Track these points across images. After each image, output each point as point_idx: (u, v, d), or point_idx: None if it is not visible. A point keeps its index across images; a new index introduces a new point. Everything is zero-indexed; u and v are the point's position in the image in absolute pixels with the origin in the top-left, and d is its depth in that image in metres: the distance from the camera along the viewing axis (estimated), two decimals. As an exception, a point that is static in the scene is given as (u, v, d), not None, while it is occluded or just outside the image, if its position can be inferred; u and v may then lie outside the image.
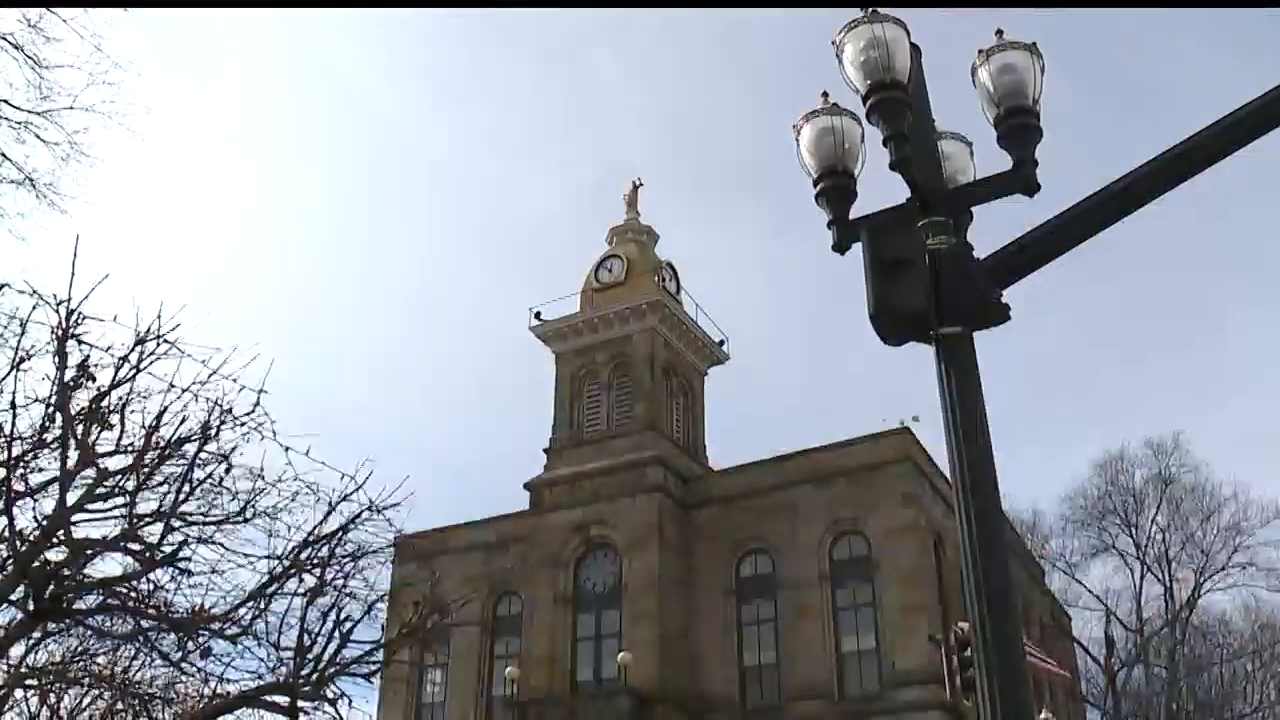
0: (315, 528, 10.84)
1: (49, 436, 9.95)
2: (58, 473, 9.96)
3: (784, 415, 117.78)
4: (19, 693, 20.86)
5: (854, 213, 6.30)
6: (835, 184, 6.35)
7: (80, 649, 17.45)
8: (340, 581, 11.16)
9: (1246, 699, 57.23)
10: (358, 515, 10.81)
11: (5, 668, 15.46)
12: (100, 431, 10.07)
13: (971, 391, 5.21)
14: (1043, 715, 32.44)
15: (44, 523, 10.04)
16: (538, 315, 48.55)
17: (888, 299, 5.50)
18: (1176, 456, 53.01)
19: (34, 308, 9.41)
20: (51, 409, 9.83)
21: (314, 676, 10.73)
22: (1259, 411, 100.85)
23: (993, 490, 4.83)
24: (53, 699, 22.78)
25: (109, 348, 9.80)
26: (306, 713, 11.04)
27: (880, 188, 6.47)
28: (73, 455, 9.93)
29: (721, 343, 50.73)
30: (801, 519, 41.12)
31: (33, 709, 23.22)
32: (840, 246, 6.18)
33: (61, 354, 9.53)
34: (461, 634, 43.38)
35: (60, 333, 9.46)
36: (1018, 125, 6.15)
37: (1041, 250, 5.98)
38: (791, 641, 39.88)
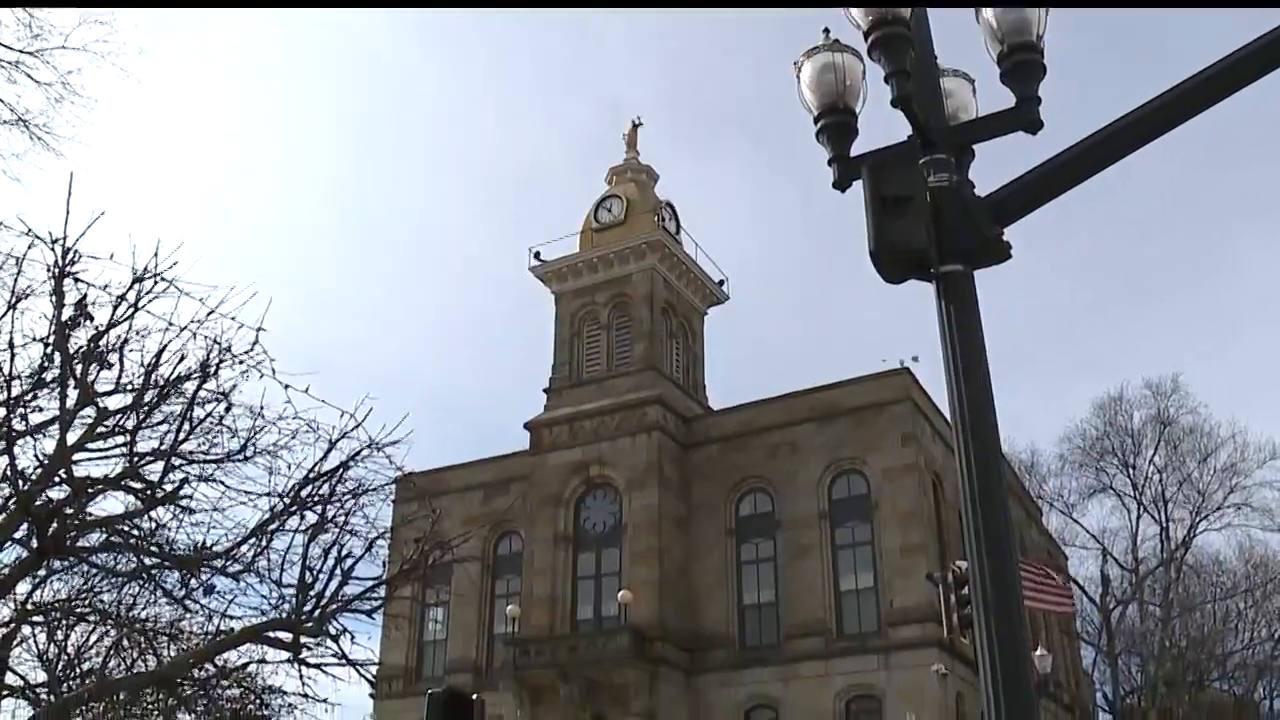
0: (315, 465, 10.85)
1: (48, 376, 9.94)
2: (58, 412, 9.96)
3: (783, 355, 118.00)
4: (26, 629, 21.10)
5: (855, 150, 6.24)
6: (836, 121, 6.28)
7: (85, 587, 17.60)
8: (341, 518, 11.20)
9: (1238, 636, 57.84)
10: (358, 452, 10.82)
11: (12, 605, 15.60)
12: (99, 370, 10.04)
13: (971, 328, 5.19)
14: (1038, 652, 32.80)
15: (45, 461, 10.06)
16: (537, 255, 48.44)
17: (888, 237, 5.46)
18: (1176, 398, 53.16)
19: (29, 246, 9.34)
20: (50, 348, 9.80)
21: (316, 613, 10.80)
22: (1259, 354, 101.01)
23: (992, 427, 4.84)
24: (60, 636, 23.03)
25: (106, 286, 9.76)
26: (309, 648, 11.13)
27: (882, 125, 6.41)
28: (72, 394, 9.92)
29: (721, 282, 50.68)
30: (801, 458, 41.31)
31: (40, 645, 23.48)
32: (841, 184, 6.13)
33: (59, 293, 9.48)
34: (463, 573, 43.74)
35: (57, 271, 9.41)
36: (1021, 62, 6.07)
37: (1043, 188, 5.92)
38: (790, 580, 40.23)
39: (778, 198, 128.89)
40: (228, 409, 10.39)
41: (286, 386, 9.88)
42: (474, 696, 13.37)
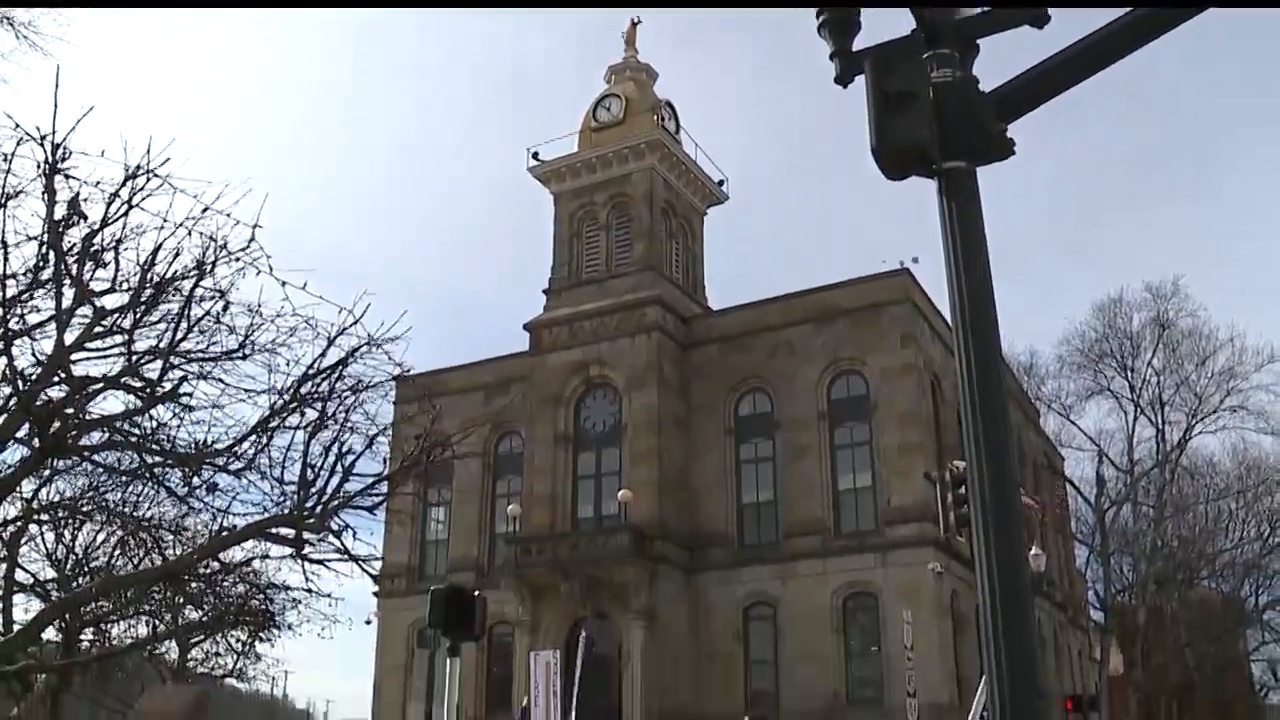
0: (315, 362, 10.86)
1: (44, 275, 9.87)
2: (54, 311, 9.91)
3: (783, 255, 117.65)
4: (34, 528, 21.39)
5: (857, 45, 6.10)
6: (838, 15, 6.13)
7: (90, 486, 17.79)
8: (341, 415, 11.24)
9: (1228, 536, 58.49)
10: (357, 348, 10.82)
11: (19, 504, 15.76)
12: (95, 269, 9.98)
13: (972, 221, 5.13)
14: (1033, 551, 33.22)
15: (44, 361, 10.05)
16: (535, 156, 47.93)
17: (890, 133, 5.36)
18: (1175, 301, 52.80)
19: (18, 143, 9.19)
20: (44, 247, 9.72)
21: (318, 509, 10.89)
22: (1261, 259, 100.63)
23: (992, 322, 4.81)
24: (67, 534, 23.35)
25: (98, 183, 9.62)
26: (311, 544, 11.26)
27: (885, 19, 6.27)
28: (68, 294, 9.86)
29: (721, 183, 50.24)
30: (800, 359, 41.39)
31: (49, 545, 23.83)
32: (843, 79, 6.00)
33: (50, 190, 9.35)
34: (464, 472, 44.16)
35: (48, 168, 9.26)
36: (1029, -47, 5.91)
37: (1048, 84, 5.80)
38: (789, 479, 40.58)
39: (778, 96, 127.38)
40: (225, 307, 10.36)
41: (284, 283, 9.84)
42: (476, 594, 13.53)
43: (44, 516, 19.40)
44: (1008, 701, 4.16)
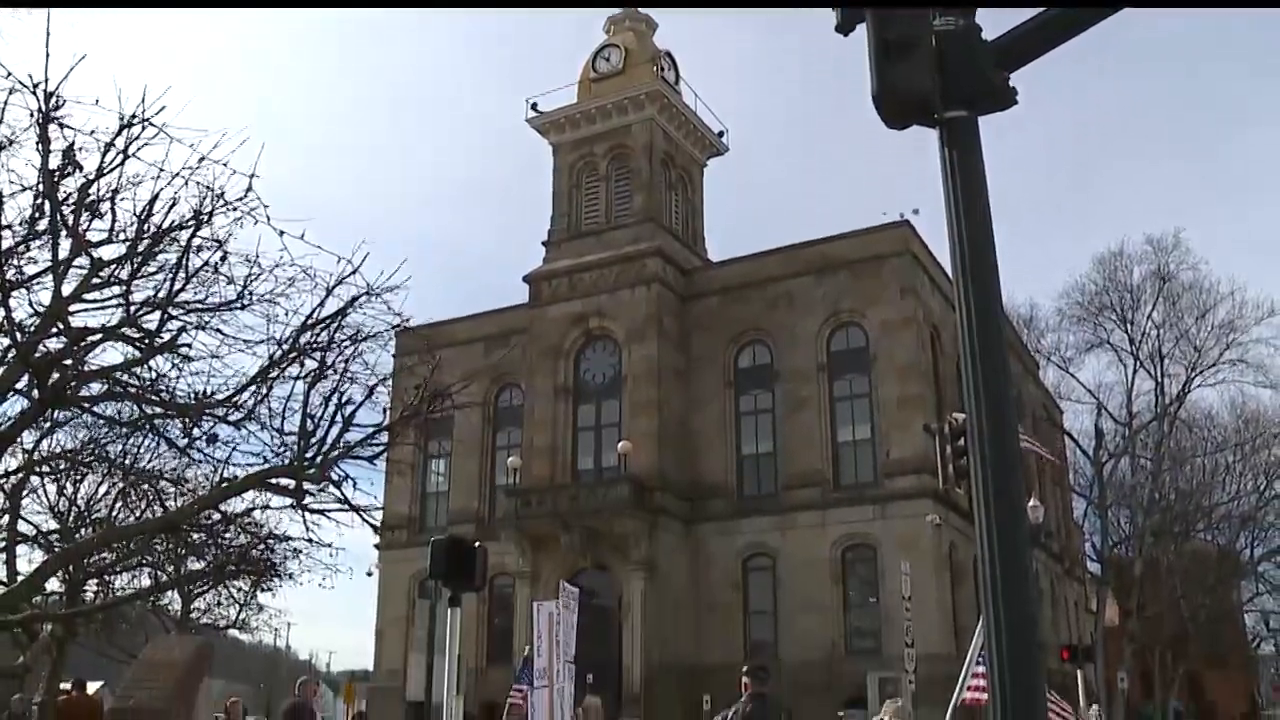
0: (314, 312, 10.83)
1: (40, 226, 9.81)
2: (51, 262, 9.87)
3: (783, 207, 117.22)
4: (36, 480, 21.43)
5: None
6: (841, -36, 6.05)
7: (90, 439, 17.80)
8: (341, 365, 11.23)
9: (1225, 489, 58.56)
10: (356, 298, 10.79)
11: (20, 456, 15.78)
12: (91, 220, 9.92)
13: (973, 169, 5.08)
14: (1031, 503, 33.34)
15: (42, 312, 10.02)
16: (534, 107, 47.62)
17: (891, 81, 5.30)
18: (1176, 254, 52.55)
19: (10, 92, 9.08)
20: (40, 198, 9.65)
21: (318, 459, 10.91)
22: (1264, 212, 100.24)
23: (992, 269, 4.78)
24: (69, 487, 23.38)
25: (93, 132, 9.53)
26: (312, 494, 11.29)
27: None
28: (65, 244, 9.81)
29: (721, 134, 49.95)
30: (799, 311, 41.37)
31: (51, 497, 23.87)
32: (844, 27, 5.92)
33: (44, 139, 9.26)
34: (464, 425, 44.26)
35: (41, 117, 9.17)
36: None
37: (1052, 32, 5.72)
38: (789, 431, 40.69)
39: (779, 46, 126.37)
40: (223, 257, 10.31)
41: (281, 233, 9.78)
42: (476, 545, 13.57)
43: (45, 468, 19.44)
44: (1006, 653, 4.17)
